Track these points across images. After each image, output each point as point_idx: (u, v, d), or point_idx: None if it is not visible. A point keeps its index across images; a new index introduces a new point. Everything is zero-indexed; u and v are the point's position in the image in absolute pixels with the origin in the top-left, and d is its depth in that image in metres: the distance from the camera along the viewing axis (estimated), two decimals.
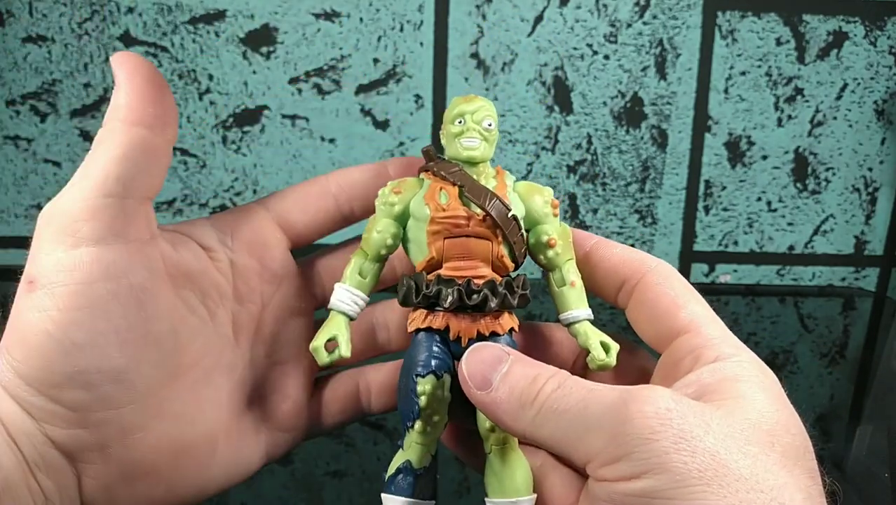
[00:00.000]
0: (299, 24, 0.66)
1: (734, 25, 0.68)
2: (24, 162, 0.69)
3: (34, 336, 0.24)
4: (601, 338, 0.28)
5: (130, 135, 0.25)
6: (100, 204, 0.25)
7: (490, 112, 0.28)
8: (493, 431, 0.27)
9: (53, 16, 0.65)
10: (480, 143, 0.28)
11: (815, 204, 0.73)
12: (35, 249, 0.25)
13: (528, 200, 0.28)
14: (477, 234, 0.27)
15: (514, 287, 0.27)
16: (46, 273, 0.24)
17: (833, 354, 0.62)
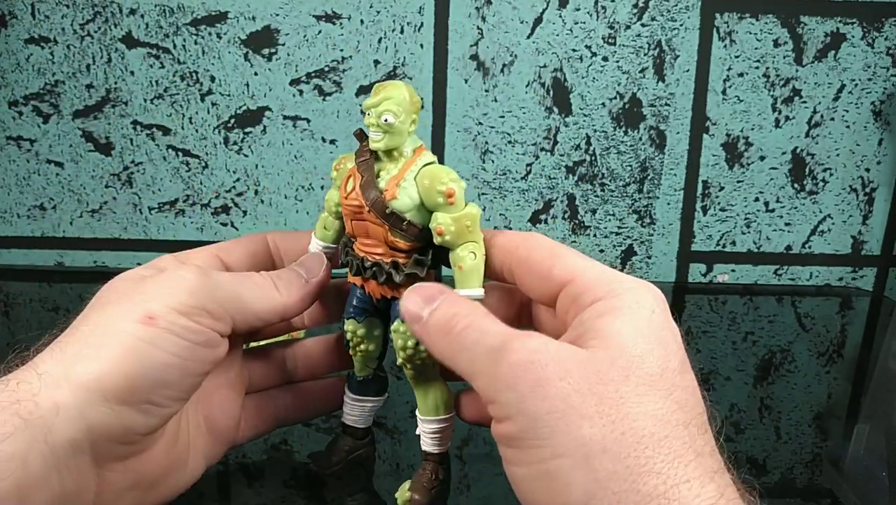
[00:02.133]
0: (300, 26, 0.66)
1: (732, 27, 0.68)
2: (27, 162, 0.69)
3: (135, 360, 0.27)
4: None
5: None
6: (234, 320, 0.32)
7: (390, 107, 0.31)
8: (406, 363, 0.34)
9: (56, 17, 0.66)
10: (382, 136, 0.31)
11: (813, 204, 0.73)
12: (163, 296, 0.29)
13: (423, 189, 0.31)
14: (372, 220, 0.32)
15: (401, 267, 0.32)
16: (170, 322, 0.28)
17: (830, 354, 0.62)
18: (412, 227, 0.32)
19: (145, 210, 0.71)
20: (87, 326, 0.28)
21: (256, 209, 0.71)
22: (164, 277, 0.30)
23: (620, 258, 0.73)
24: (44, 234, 0.72)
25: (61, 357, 0.27)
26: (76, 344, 0.28)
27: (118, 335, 0.27)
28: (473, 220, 0.31)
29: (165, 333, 0.28)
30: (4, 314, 0.65)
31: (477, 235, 0.31)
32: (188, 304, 0.29)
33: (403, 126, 0.31)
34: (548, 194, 0.72)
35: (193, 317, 0.29)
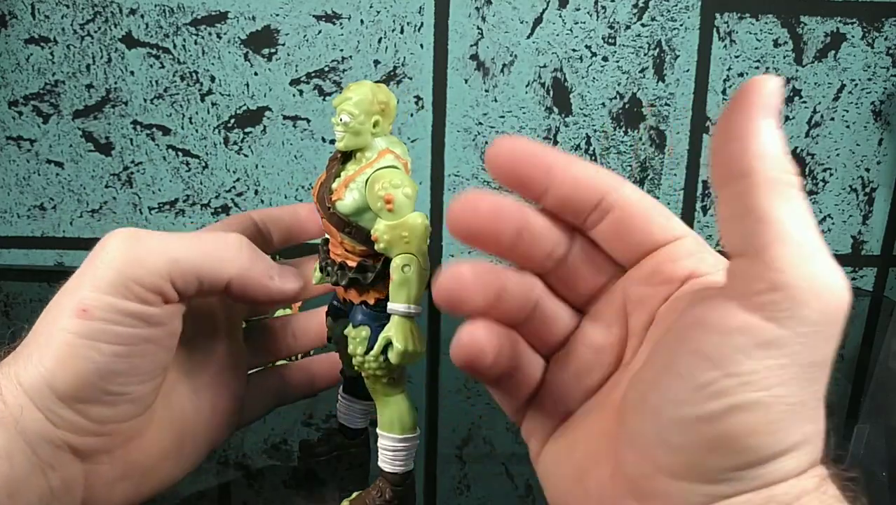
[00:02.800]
0: (300, 26, 0.67)
1: (732, 27, 0.68)
2: (27, 162, 0.69)
3: (77, 359, 0.26)
4: (390, 334, 0.31)
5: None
6: (175, 284, 0.29)
7: (347, 107, 0.30)
8: (360, 370, 0.33)
9: (56, 17, 0.66)
10: (343, 136, 0.30)
11: (813, 204, 0.73)
12: (93, 279, 0.28)
13: (368, 193, 0.30)
14: (328, 220, 0.32)
15: (347, 270, 0.32)
16: (103, 310, 0.27)
17: None
18: (359, 231, 0.31)
19: (145, 210, 0.71)
20: (37, 324, 0.28)
21: (256, 209, 0.71)
22: (96, 256, 0.29)
23: None
24: (44, 234, 0.72)
25: (14, 359, 0.27)
26: (26, 346, 0.28)
27: (57, 334, 0.27)
28: (412, 231, 0.29)
29: (101, 323, 0.27)
30: (4, 314, 0.65)
31: (416, 248, 0.30)
32: (117, 281, 0.27)
33: (363, 127, 0.30)
34: None
35: (125, 293, 0.27)
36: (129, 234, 0.29)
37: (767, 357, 0.20)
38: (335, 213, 0.31)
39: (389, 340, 0.30)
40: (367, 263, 0.31)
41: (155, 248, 0.29)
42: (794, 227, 0.20)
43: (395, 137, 0.32)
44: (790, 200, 0.21)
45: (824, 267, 0.21)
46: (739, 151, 0.21)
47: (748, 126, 0.21)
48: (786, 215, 0.20)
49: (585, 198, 0.25)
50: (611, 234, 0.26)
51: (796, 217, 0.20)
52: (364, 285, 0.32)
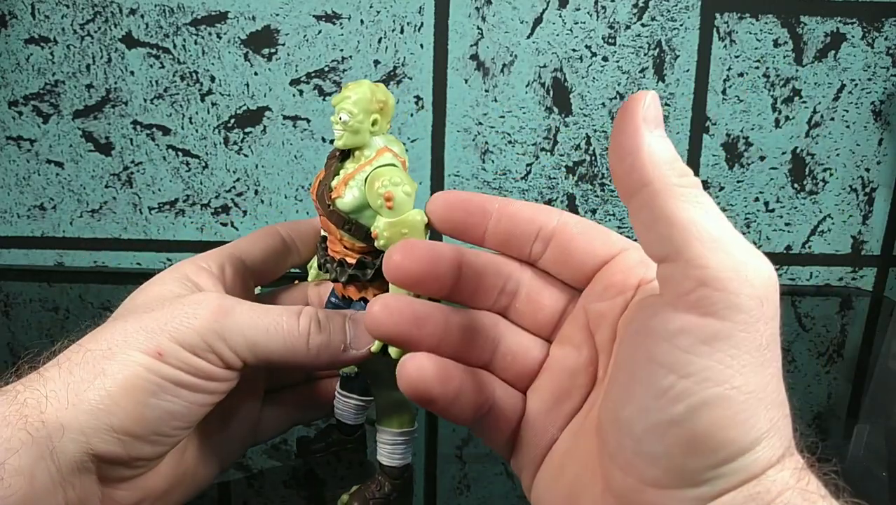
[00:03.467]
0: (300, 26, 0.67)
1: (732, 27, 0.68)
2: (27, 163, 0.69)
3: (144, 394, 0.27)
4: None
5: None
6: (247, 361, 0.30)
7: (346, 105, 0.30)
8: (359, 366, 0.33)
9: (56, 17, 0.66)
10: (342, 134, 0.30)
11: (813, 204, 0.73)
12: (174, 332, 0.28)
13: (368, 190, 0.30)
14: (327, 217, 0.31)
15: (346, 267, 0.32)
16: (178, 360, 0.28)
17: (830, 354, 0.62)
18: (358, 228, 0.31)
19: (145, 210, 0.71)
20: (97, 346, 0.28)
21: (256, 209, 0.71)
22: (179, 308, 0.29)
23: None
24: (44, 234, 0.72)
25: (69, 378, 0.27)
26: (85, 366, 0.27)
27: (128, 365, 0.27)
28: (412, 228, 0.29)
29: (172, 369, 0.28)
30: (4, 314, 0.65)
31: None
32: (196, 344, 0.28)
33: (362, 125, 0.30)
34: (548, 194, 0.72)
35: (202, 354, 0.29)
36: (218, 308, 0.29)
37: (715, 351, 0.21)
38: (335, 211, 0.31)
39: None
40: (367, 260, 0.31)
41: (239, 330, 0.29)
42: (705, 223, 0.21)
43: (392, 136, 0.32)
44: (694, 199, 0.22)
45: (743, 253, 0.21)
46: (633, 165, 0.22)
47: (636, 140, 0.22)
48: (694, 214, 0.21)
49: (524, 231, 0.27)
50: (557, 260, 0.28)
51: (704, 213, 0.21)
52: (363, 282, 0.32)
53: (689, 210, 0.21)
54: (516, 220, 0.28)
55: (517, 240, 0.28)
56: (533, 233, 0.28)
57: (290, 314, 0.30)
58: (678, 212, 0.21)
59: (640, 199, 0.22)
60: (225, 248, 0.34)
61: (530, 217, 0.28)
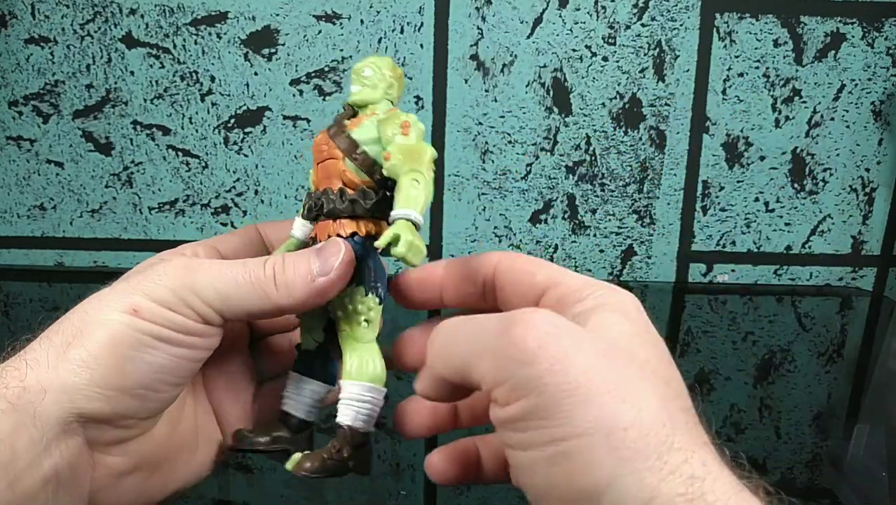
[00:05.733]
0: (300, 26, 0.67)
1: (732, 27, 0.68)
2: (27, 162, 0.69)
3: (124, 348, 0.27)
4: (399, 231, 0.29)
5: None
6: (223, 314, 0.30)
7: (372, 63, 0.32)
8: (338, 311, 0.32)
9: (56, 17, 0.66)
10: (360, 89, 0.32)
11: (813, 204, 0.73)
12: (146, 289, 0.29)
13: (381, 125, 0.31)
14: (331, 155, 0.32)
15: (346, 193, 0.31)
16: (154, 314, 0.28)
17: (831, 354, 0.62)
18: (366, 158, 0.31)
19: (145, 210, 0.71)
20: (76, 314, 0.29)
21: (256, 209, 0.71)
22: (149, 271, 0.29)
23: (620, 258, 0.73)
24: (44, 234, 0.72)
25: (49, 344, 0.27)
26: (65, 331, 0.28)
27: (106, 322, 0.28)
28: (423, 155, 0.30)
29: (149, 323, 0.28)
30: (4, 314, 0.65)
31: (424, 167, 0.30)
32: (169, 299, 0.28)
33: (380, 84, 0.32)
34: (547, 194, 0.72)
35: (176, 308, 0.29)
36: (185, 265, 0.30)
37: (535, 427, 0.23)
38: (347, 138, 0.31)
39: (398, 235, 0.29)
40: (369, 191, 0.31)
41: (208, 283, 0.29)
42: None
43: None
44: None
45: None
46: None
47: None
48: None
49: (473, 282, 0.31)
50: (509, 296, 0.30)
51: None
52: (362, 210, 0.31)
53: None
54: (463, 276, 0.31)
55: (470, 290, 0.31)
56: (479, 282, 0.31)
57: (256, 262, 0.30)
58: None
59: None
60: (205, 240, 0.35)
61: (474, 269, 0.31)
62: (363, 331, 0.32)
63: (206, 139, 0.69)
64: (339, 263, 0.30)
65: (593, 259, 0.73)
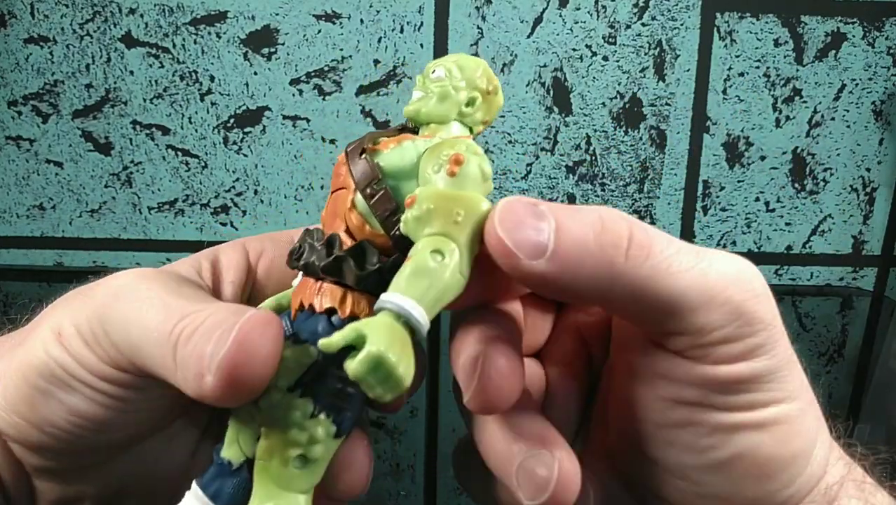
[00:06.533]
0: (300, 26, 0.66)
1: (733, 27, 0.68)
2: (26, 162, 0.69)
3: (39, 382, 0.22)
4: (365, 330, 0.18)
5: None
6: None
7: (447, 63, 0.23)
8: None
9: (55, 17, 0.66)
10: (421, 97, 0.23)
11: (813, 204, 0.73)
12: (79, 306, 0.23)
13: (425, 156, 0.21)
14: (345, 185, 0.22)
15: (335, 245, 0.21)
16: (71, 342, 0.22)
17: (831, 354, 0.62)
18: (386, 198, 0.21)
19: (145, 210, 0.71)
20: (35, 316, 0.25)
21: (256, 209, 0.71)
22: (99, 282, 0.24)
23: None
24: (43, 234, 0.71)
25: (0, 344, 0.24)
26: (11, 336, 0.25)
27: (34, 339, 0.23)
28: (469, 212, 0.20)
29: (65, 353, 0.22)
30: (4, 314, 0.65)
31: (462, 235, 0.19)
32: (86, 330, 0.22)
33: (453, 95, 0.22)
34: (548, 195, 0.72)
35: (91, 342, 0.22)
36: (118, 290, 0.23)
37: (758, 385, 0.21)
38: (367, 161, 0.21)
39: (362, 335, 0.18)
40: (369, 247, 0.21)
41: (123, 323, 0.22)
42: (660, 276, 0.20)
43: (477, 145, 0.22)
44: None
45: (707, 266, 0.20)
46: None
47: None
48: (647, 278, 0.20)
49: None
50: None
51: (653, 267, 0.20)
52: (353, 277, 0.21)
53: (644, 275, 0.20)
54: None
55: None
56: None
57: (176, 310, 0.21)
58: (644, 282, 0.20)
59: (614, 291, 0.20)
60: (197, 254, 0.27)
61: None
62: (292, 472, 0.20)
63: (205, 139, 0.69)
64: (219, 359, 0.19)
65: None
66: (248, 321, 0.19)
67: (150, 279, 0.22)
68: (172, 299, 0.21)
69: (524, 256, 0.19)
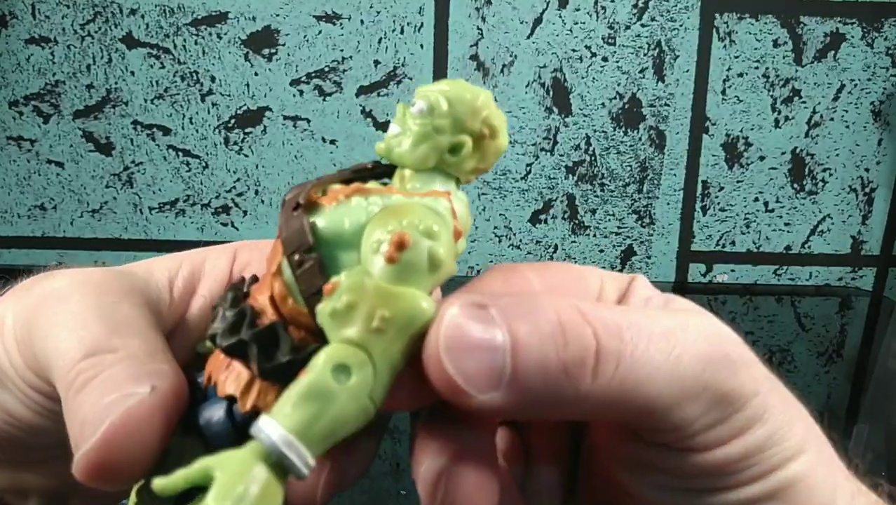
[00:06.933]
0: (301, 27, 0.67)
1: (732, 27, 0.68)
2: (27, 163, 0.69)
3: None
4: (215, 470, 0.15)
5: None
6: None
7: (432, 93, 0.18)
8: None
9: (56, 17, 0.66)
10: (397, 134, 0.18)
11: (812, 204, 0.73)
12: (23, 296, 0.22)
13: (371, 223, 0.17)
14: (283, 230, 0.18)
15: (245, 318, 0.17)
16: (8, 340, 0.21)
17: (830, 354, 0.62)
18: (311, 271, 0.17)
19: (146, 210, 0.71)
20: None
21: (256, 209, 0.71)
22: (28, 286, 0.22)
23: (620, 258, 0.73)
24: (44, 234, 0.72)
25: None
26: None
27: None
28: (399, 319, 0.16)
29: (2, 348, 0.21)
30: None
31: (382, 350, 0.16)
32: (10, 333, 0.21)
33: (439, 137, 0.18)
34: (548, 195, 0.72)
35: (21, 344, 0.20)
36: (52, 294, 0.21)
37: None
38: (300, 221, 0.17)
39: (210, 475, 0.15)
40: (283, 332, 0.17)
41: (43, 336, 0.20)
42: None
43: (463, 194, 0.19)
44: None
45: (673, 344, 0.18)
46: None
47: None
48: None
49: None
50: None
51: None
52: (256, 364, 0.17)
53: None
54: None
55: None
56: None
57: (87, 344, 0.19)
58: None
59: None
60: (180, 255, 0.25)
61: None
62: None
63: (206, 139, 0.69)
64: (86, 450, 0.17)
65: (593, 259, 0.73)
66: (128, 413, 0.17)
67: (85, 289, 0.20)
68: (94, 323, 0.19)
69: (476, 391, 0.16)
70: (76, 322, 0.19)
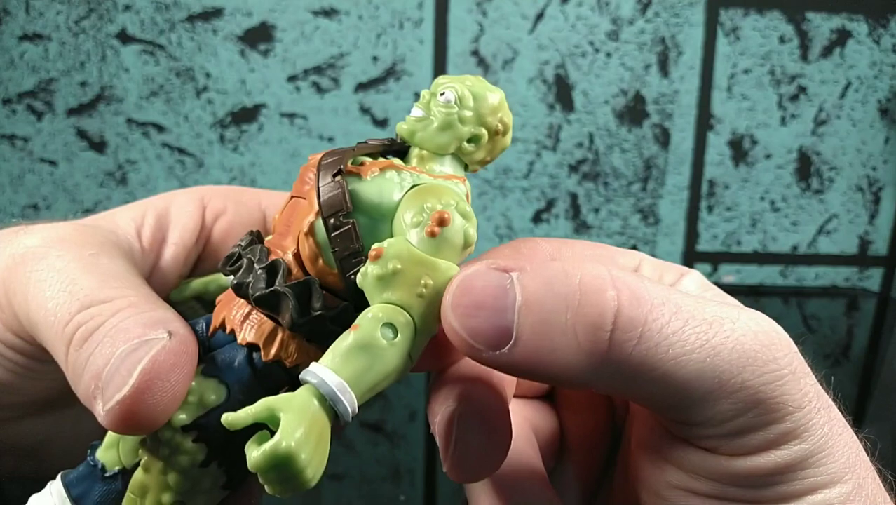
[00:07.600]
0: (297, 22, 0.66)
1: (737, 23, 0.67)
2: (21, 161, 0.68)
3: None
4: (279, 410, 0.16)
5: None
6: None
7: (460, 86, 0.20)
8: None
9: (50, 14, 0.65)
10: (422, 118, 0.20)
11: (819, 203, 0.72)
12: (12, 246, 0.21)
13: (408, 197, 0.19)
14: (309, 200, 0.19)
15: (275, 273, 0.18)
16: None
17: (836, 355, 0.61)
18: (349, 234, 0.18)
19: None
20: None
21: None
22: (38, 227, 0.22)
23: None
24: None
25: None
26: None
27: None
28: (438, 284, 0.17)
29: None
30: None
31: (423, 311, 0.17)
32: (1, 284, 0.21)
33: (460, 128, 0.20)
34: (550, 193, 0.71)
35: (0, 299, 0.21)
36: (28, 253, 0.20)
37: (790, 474, 0.18)
38: (340, 187, 0.18)
39: (275, 418, 0.15)
40: (317, 285, 0.18)
41: (23, 293, 0.20)
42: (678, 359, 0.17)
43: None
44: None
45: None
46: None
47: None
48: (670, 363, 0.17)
49: None
50: None
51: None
52: (288, 320, 0.18)
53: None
54: None
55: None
56: None
57: (80, 298, 0.19)
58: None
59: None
60: (189, 190, 0.26)
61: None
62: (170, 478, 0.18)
63: (201, 137, 0.68)
64: (118, 399, 0.17)
65: None
66: (156, 359, 0.17)
67: (64, 244, 0.20)
68: (80, 277, 0.19)
69: (484, 347, 0.16)
70: (61, 277, 0.19)
